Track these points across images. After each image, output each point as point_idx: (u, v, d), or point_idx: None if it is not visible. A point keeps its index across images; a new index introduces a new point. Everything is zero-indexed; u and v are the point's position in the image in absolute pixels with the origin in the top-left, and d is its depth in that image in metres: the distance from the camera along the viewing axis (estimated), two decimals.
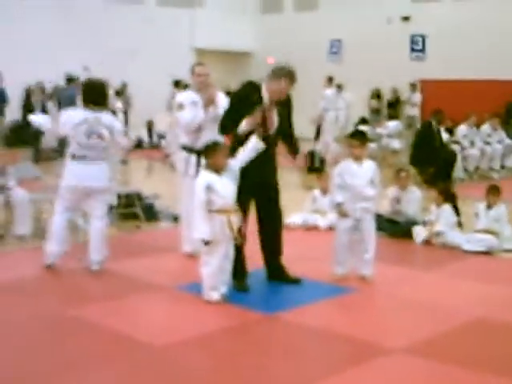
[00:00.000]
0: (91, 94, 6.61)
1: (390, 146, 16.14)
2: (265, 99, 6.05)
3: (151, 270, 6.67)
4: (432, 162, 12.67)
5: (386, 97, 21.11)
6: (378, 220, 6.89)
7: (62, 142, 6.76)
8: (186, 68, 7.68)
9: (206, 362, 4.77)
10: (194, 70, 7.09)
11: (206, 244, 5.58)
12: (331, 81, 17.13)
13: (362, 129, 13.07)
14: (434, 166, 12.61)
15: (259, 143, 5.80)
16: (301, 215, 8.83)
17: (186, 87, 11.83)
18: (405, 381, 4.41)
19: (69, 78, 16.88)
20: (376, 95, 21.14)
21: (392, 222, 8.43)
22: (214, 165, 5.64)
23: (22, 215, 7.81)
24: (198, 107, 6.85)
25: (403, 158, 15.08)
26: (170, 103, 15.29)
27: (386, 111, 20.77)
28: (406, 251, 8.00)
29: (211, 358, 4.82)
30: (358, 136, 6.62)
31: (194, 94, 7.01)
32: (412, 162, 13.19)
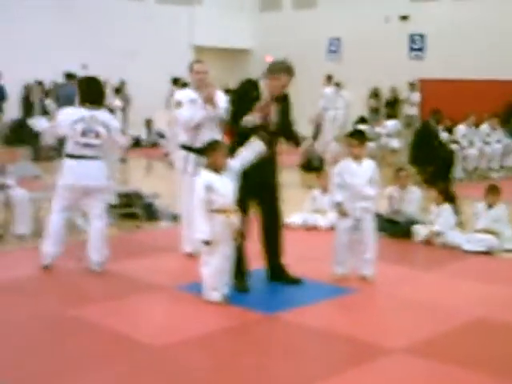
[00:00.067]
0: (88, 92, 6.59)
1: (388, 145, 16.14)
2: (264, 96, 6.04)
3: (151, 270, 6.65)
4: (431, 161, 12.66)
5: (385, 96, 21.11)
6: (378, 220, 6.88)
7: (62, 141, 6.72)
8: (185, 65, 7.65)
9: (206, 362, 4.76)
10: (192, 68, 7.06)
11: (206, 244, 5.57)
12: (330, 79, 17.11)
13: (361, 128, 13.08)
14: (433, 166, 12.60)
15: (261, 146, 5.78)
16: (301, 215, 8.82)
17: (184, 85, 11.80)
18: (405, 381, 4.41)
19: (68, 75, 16.84)
20: (374, 94, 21.14)
21: (392, 222, 8.43)
22: (214, 164, 5.63)
23: (21, 214, 7.79)
24: (196, 105, 6.82)
25: (402, 157, 15.07)
26: (169, 101, 15.26)
27: (385, 110, 20.76)
28: (406, 251, 7.99)
29: (211, 358, 4.81)
30: (358, 135, 6.61)
31: (192, 92, 6.99)
32: (411, 161, 13.18)
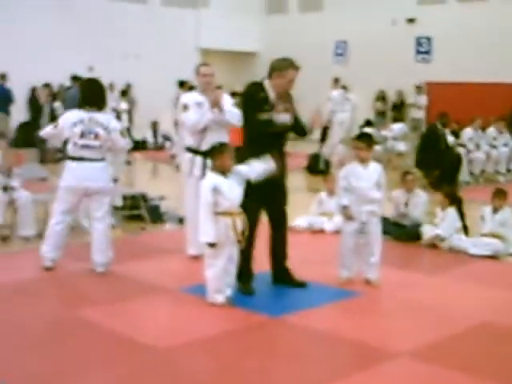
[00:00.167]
0: (87, 94, 6.61)
1: (395, 148, 16.11)
2: (271, 96, 6.05)
3: (155, 272, 6.64)
4: (437, 164, 12.63)
5: (391, 99, 21.07)
6: (384, 223, 6.85)
7: (66, 143, 6.73)
8: (191, 68, 7.66)
9: (209, 364, 4.75)
10: (198, 71, 7.06)
11: (210, 246, 5.56)
12: (337, 82, 17.08)
13: (369, 131, 13.07)
14: (440, 169, 12.56)
15: (272, 165, 5.75)
16: (306, 218, 8.80)
17: (191, 88, 11.79)
18: None
19: (74, 78, 16.88)
20: (381, 97, 21.10)
21: (398, 226, 8.40)
22: (221, 166, 5.61)
23: (25, 216, 7.81)
24: (202, 108, 6.82)
25: (408, 160, 15.05)
26: (175, 104, 15.28)
27: (391, 114, 20.72)
28: (411, 255, 7.96)
29: (215, 360, 4.79)
30: (365, 138, 6.58)
31: (198, 95, 6.98)
32: (417, 164, 13.15)
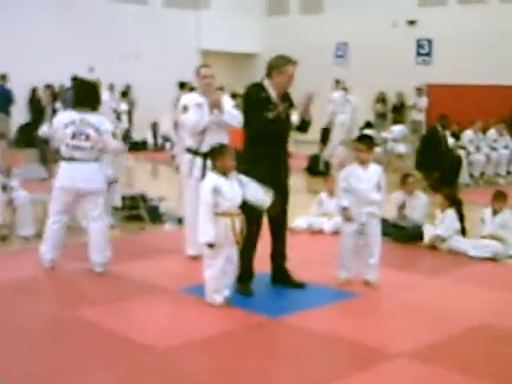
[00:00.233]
0: (80, 95, 6.63)
1: (395, 150, 16.10)
2: (272, 96, 6.05)
3: (155, 272, 6.64)
4: (437, 166, 12.62)
5: (391, 101, 21.07)
6: (384, 224, 6.85)
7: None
8: (192, 70, 7.65)
9: (208, 364, 4.74)
10: (199, 72, 7.05)
11: (209, 247, 5.55)
12: (338, 83, 17.07)
13: (369, 133, 13.07)
14: (440, 171, 12.56)
15: (267, 198, 5.71)
16: (306, 219, 8.80)
17: (192, 90, 11.79)
18: None
19: (74, 78, 16.86)
20: (381, 99, 21.09)
21: (397, 227, 8.39)
22: (222, 167, 5.61)
23: (24, 216, 7.81)
24: (202, 109, 6.81)
25: (408, 162, 15.05)
26: (175, 105, 15.29)
27: (391, 115, 20.71)
28: (411, 256, 7.95)
29: (214, 360, 4.79)
30: (365, 140, 6.57)
31: (198, 96, 6.98)
32: (417, 166, 13.15)
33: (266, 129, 5.98)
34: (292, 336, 5.23)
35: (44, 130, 6.74)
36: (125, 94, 19.16)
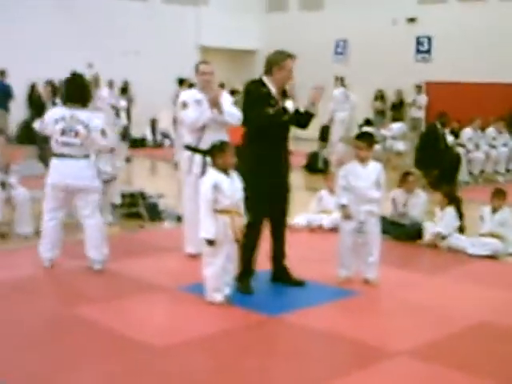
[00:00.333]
0: (69, 91, 6.60)
1: (394, 147, 16.10)
2: (273, 92, 6.03)
3: (153, 270, 6.62)
4: (436, 164, 12.62)
5: (391, 98, 21.04)
6: (383, 222, 6.84)
7: None
8: (191, 66, 7.62)
9: (207, 363, 4.73)
10: (198, 68, 7.03)
11: (210, 244, 5.53)
12: (340, 80, 17.03)
13: (370, 131, 13.06)
14: (439, 169, 12.55)
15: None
16: (305, 216, 8.79)
17: (191, 86, 11.77)
18: None
19: (73, 74, 16.81)
20: (380, 97, 21.07)
21: (397, 225, 8.38)
22: (223, 164, 5.60)
23: (23, 214, 7.79)
24: (201, 106, 6.79)
25: (408, 160, 15.04)
26: (175, 102, 15.27)
27: (391, 113, 20.68)
28: (410, 254, 7.95)
29: (213, 359, 4.78)
30: (365, 138, 6.56)
31: (197, 93, 6.96)
32: (416, 164, 13.14)
33: (267, 124, 5.96)
34: (292, 334, 5.23)
35: (37, 125, 6.69)
36: (124, 91, 19.11)
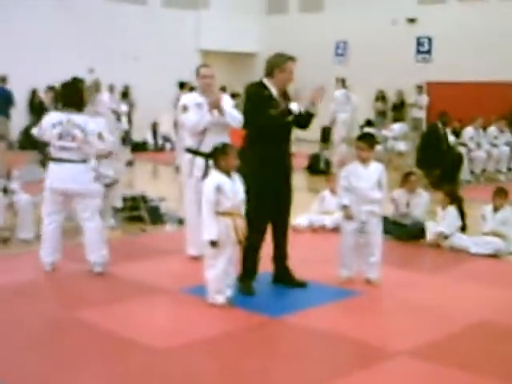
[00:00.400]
0: (66, 95, 6.63)
1: (395, 148, 16.11)
2: (274, 94, 6.05)
3: (155, 273, 6.63)
4: (438, 164, 12.62)
5: (391, 99, 21.05)
6: (385, 222, 6.84)
7: None
8: (191, 70, 7.65)
9: (210, 365, 4.74)
10: (198, 72, 7.05)
11: (212, 245, 5.55)
12: (341, 82, 17.03)
13: (371, 131, 13.06)
14: (440, 169, 12.56)
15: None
16: (307, 216, 8.80)
17: (192, 89, 11.79)
18: None
19: (74, 79, 16.84)
20: (381, 97, 21.08)
21: (398, 225, 8.38)
22: (226, 166, 5.62)
23: (25, 219, 7.79)
24: (202, 109, 6.81)
25: (409, 160, 15.05)
26: (175, 105, 15.29)
27: (391, 113, 20.69)
28: (412, 254, 7.95)
29: (215, 361, 4.79)
30: (367, 139, 6.56)
31: (198, 96, 6.97)
32: (418, 164, 13.14)
33: (272, 125, 5.97)
34: (293, 335, 5.23)
35: (35, 131, 6.69)
36: (125, 95, 19.15)
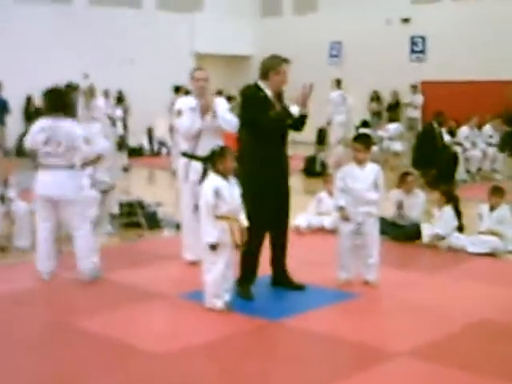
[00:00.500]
0: (50, 102, 6.59)
1: (391, 148, 16.12)
2: (269, 95, 6.05)
3: (153, 279, 6.62)
4: (434, 163, 12.64)
5: (386, 99, 21.06)
6: (382, 223, 6.84)
7: None
8: (186, 73, 7.63)
9: (209, 369, 4.74)
10: (193, 75, 7.04)
11: (212, 248, 5.54)
12: (337, 83, 17.04)
13: (367, 132, 13.07)
14: (436, 168, 12.57)
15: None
16: (305, 217, 8.80)
17: (187, 93, 11.78)
18: None
19: (68, 86, 16.82)
20: (376, 98, 21.09)
21: (395, 226, 8.38)
22: (224, 169, 5.62)
23: (22, 228, 7.76)
24: (196, 113, 6.81)
25: (405, 160, 15.06)
26: (171, 109, 15.30)
27: (387, 114, 20.70)
28: (410, 255, 7.96)
29: (214, 365, 4.79)
30: (363, 140, 6.56)
31: (193, 100, 6.96)
32: (414, 164, 13.16)
33: (271, 127, 5.98)
34: (292, 338, 5.23)
35: (27, 144, 6.63)
36: (119, 100, 19.14)
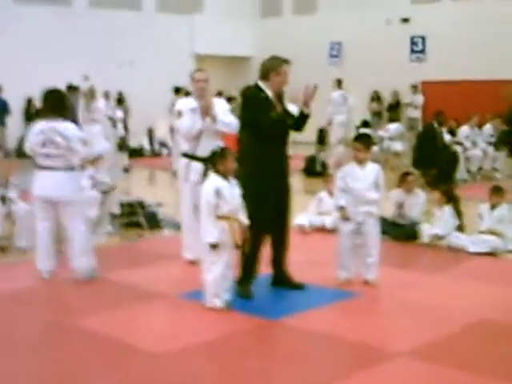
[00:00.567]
0: (47, 103, 6.60)
1: (391, 148, 16.12)
2: (270, 96, 6.06)
3: (153, 279, 6.63)
4: (434, 163, 12.64)
5: (387, 99, 21.06)
6: (382, 223, 6.84)
7: None
8: (186, 74, 7.65)
9: (209, 368, 4.75)
10: (193, 76, 7.06)
11: (213, 248, 5.55)
12: (338, 83, 17.05)
13: (367, 132, 13.07)
14: (437, 168, 12.57)
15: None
16: (306, 216, 8.81)
17: (187, 94, 11.79)
18: None
19: (69, 87, 16.84)
20: (376, 98, 21.09)
21: (396, 225, 8.38)
22: (225, 170, 5.64)
23: (23, 229, 7.77)
24: (197, 114, 6.82)
25: (405, 160, 15.06)
26: (171, 110, 15.31)
27: (387, 114, 20.70)
28: (410, 254, 7.96)
29: (214, 364, 4.80)
30: (363, 139, 6.57)
31: (193, 101, 6.98)
32: (414, 163, 13.16)
33: (272, 128, 5.98)
34: (292, 338, 5.23)
35: (27, 148, 6.65)
36: (120, 102, 19.15)
